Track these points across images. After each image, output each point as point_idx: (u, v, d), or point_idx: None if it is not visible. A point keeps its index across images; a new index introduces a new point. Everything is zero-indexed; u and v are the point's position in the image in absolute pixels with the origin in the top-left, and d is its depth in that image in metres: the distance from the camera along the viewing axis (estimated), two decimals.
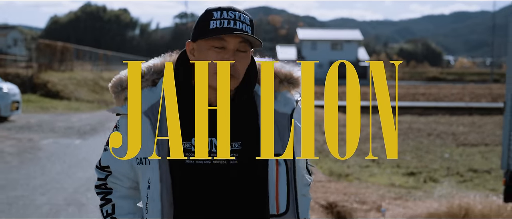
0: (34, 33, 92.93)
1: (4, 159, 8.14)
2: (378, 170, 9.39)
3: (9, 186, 6.34)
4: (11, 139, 10.16)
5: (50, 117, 14.58)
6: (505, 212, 5.46)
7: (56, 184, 6.51)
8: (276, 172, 1.50)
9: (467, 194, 6.15)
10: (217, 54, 1.46)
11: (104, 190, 1.63)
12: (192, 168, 1.48)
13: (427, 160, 10.41)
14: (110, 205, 1.61)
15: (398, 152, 10.68)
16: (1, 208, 5.35)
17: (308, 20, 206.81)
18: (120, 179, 1.61)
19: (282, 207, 1.51)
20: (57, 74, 22.49)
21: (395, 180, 8.20)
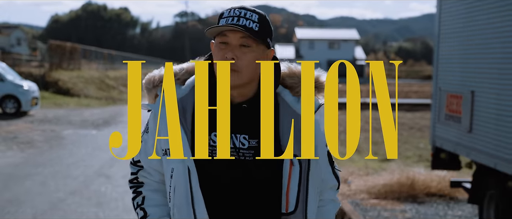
0: (34, 32, 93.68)
1: (36, 145, 9.60)
2: (357, 157, 10.80)
3: (47, 164, 7.79)
4: (35, 130, 11.61)
5: (65, 112, 16.02)
6: (443, 181, 6.89)
7: (84, 162, 7.97)
8: (289, 172, 1.53)
9: (417, 169, 7.58)
10: (220, 50, 1.51)
11: (136, 184, 1.69)
12: (211, 160, 1.53)
13: (403, 149, 11.79)
14: (141, 197, 1.66)
15: (378, 143, 12.02)
16: (47, 179, 6.79)
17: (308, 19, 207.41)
18: (151, 173, 1.65)
19: (291, 206, 1.55)
20: (66, 72, 23.94)
21: (369, 165, 9.62)
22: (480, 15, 4.93)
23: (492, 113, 4.60)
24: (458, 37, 5.40)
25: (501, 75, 4.47)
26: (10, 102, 14.03)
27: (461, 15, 5.35)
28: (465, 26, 5.23)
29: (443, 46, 5.75)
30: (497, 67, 4.57)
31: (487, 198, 4.96)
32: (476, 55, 5.00)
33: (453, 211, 6.10)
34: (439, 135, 5.72)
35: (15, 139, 10.12)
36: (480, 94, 4.83)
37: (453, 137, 5.35)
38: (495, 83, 4.57)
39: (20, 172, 7.16)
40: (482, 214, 5.04)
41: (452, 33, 5.55)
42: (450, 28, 5.60)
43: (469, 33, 5.13)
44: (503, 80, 4.43)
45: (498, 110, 4.50)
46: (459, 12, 5.38)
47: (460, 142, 5.19)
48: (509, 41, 4.39)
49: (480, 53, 4.91)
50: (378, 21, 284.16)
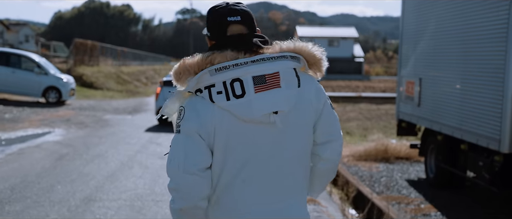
0: (37, 29, 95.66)
1: (89, 125, 11.91)
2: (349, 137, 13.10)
3: (108, 136, 10.10)
4: (80, 115, 13.92)
5: (95, 102, 18.33)
6: (408, 149, 9.18)
7: (136, 134, 10.29)
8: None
9: (389, 139, 9.89)
10: None
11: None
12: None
13: (389, 128, 14.10)
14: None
15: (367, 128, 14.25)
16: (113, 145, 9.09)
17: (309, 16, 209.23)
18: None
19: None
20: (88, 68, 26.27)
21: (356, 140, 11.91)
22: (429, 18, 7.25)
23: (431, 93, 6.91)
24: (412, 37, 7.69)
25: (436, 66, 6.78)
26: (52, 93, 16.34)
27: (414, 17, 7.62)
28: (416, 27, 7.51)
29: (404, 44, 8.04)
30: (433, 60, 6.88)
31: (429, 151, 7.27)
32: (422, 51, 7.30)
33: (413, 168, 8.40)
34: (401, 110, 8.03)
35: (69, 121, 12.44)
36: (425, 80, 7.13)
37: (409, 111, 7.67)
38: (433, 72, 6.88)
39: (90, 141, 9.48)
40: (426, 161, 7.35)
41: (409, 33, 7.83)
42: (408, 28, 7.87)
43: (418, 33, 7.42)
44: (437, 70, 6.74)
45: (433, 91, 6.81)
46: (413, 15, 7.65)
47: (413, 113, 7.51)
48: (438, 38, 6.70)
49: (425, 49, 7.21)
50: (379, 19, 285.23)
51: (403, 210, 5.88)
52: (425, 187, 7.02)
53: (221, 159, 1.70)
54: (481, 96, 5.56)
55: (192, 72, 1.71)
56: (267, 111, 1.66)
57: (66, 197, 5.57)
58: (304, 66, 1.81)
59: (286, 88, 1.70)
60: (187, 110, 1.71)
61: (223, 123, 1.67)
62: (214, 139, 1.68)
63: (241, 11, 1.78)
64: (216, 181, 1.73)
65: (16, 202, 5.30)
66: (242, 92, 1.65)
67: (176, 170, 1.67)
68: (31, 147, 8.72)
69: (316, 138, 1.84)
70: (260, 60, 1.70)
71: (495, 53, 5.25)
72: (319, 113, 1.81)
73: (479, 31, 5.62)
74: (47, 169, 7.00)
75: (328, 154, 1.85)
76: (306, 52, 1.80)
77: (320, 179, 1.92)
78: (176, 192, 1.69)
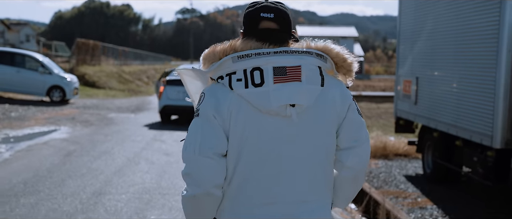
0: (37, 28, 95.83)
1: (93, 123, 12.16)
2: None
3: (113, 134, 10.34)
4: (85, 113, 14.16)
5: (98, 101, 18.57)
6: (407, 147, 9.42)
7: (140, 132, 10.53)
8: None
9: (387, 137, 10.13)
10: None
11: None
12: None
13: (389, 125, 14.33)
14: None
15: (367, 127, 14.45)
16: (119, 143, 9.33)
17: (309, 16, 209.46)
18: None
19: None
20: (90, 67, 26.51)
21: None
22: (425, 18, 7.48)
23: (427, 91, 7.14)
24: (409, 37, 7.92)
25: (433, 65, 7.02)
26: (56, 92, 16.58)
27: (411, 17, 7.86)
28: (413, 27, 7.74)
29: (401, 44, 8.28)
30: (429, 60, 7.12)
31: (426, 147, 7.51)
32: (419, 50, 7.54)
33: (411, 164, 8.63)
34: (399, 108, 8.27)
35: (74, 119, 12.68)
36: (421, 79, 7.37)
37: (407, 109, 7.90)
38: (429, 71, 7.11)
39: (96, 139, 9.72)
40: (424, 158, 7.59)
41: (406, 33, 8.06)
42: (405, 28, 8.10)
43: (415, 33, 7.65)
44: (433, 69, 6.98)
45: (430, 89, 7.05)
46: (410, 15, 7.88)
47: (410, 111, 7.74)
48: (434, 38, 6.93)
49: (421, 49, 7.44)
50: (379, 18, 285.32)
51: (400, 204, 6.12)
52: (422, 182, 7.26)
53: (237, 150, 1.69)
54: (474, 94, 5.80)
55: (217, 58, 1.73)
56: (283, 103, 1.65)
57: (77, 190, 5.81)
58: (332, 70, 1.78)
59: (306, 83, 1.68)
60: (207, 95, 1.72)
61: (240, 111, 1.67)
62: (229, 126, 1.68)
63: (276, 9, 1.78)
64: (231, 173, 1.71)
65: (30, 195, 5.54)
66: (261, 81, 1.65)
67: (192, 154, 1.67)
68: (39, 144, 8.96)
69: (340, 143, 1.79)
70: (283, 52, 1.69)
71: (487, 53, 5.49)
72: (342, 116, 1.77)
73: (472, 31, 5.86)
74: (56, 164, 7.24)
75: (351, 161, 1.79)
76: (334, 52, 1.77)
77: (344, 188, 1.85)
78: (190, 177, 1.68)
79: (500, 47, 5.24)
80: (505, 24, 5.17)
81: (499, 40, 5.25)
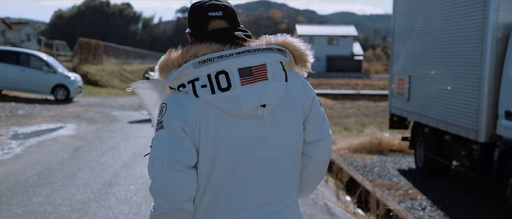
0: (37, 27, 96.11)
1: (98, 120, 12.53)
2: (346, 132, 13.72)
3: (119, 131, 10.72)
4: (89, 111, 14.53)
5: (101, 99, 18.93)
6: (402, 143, 9.79)
7: (145, 129, 10.90)
8: None
9: (383, 133, 10.51)
10: None
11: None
12: None
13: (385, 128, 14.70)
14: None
15: (365, 124, 14.85)
16: (125, 138, 9.70)
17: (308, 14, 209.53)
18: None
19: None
20: (92, 66, 26.89)
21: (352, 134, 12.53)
22: (417, 19, 7.85)
23: (419, 89, 7.51)
24: (403, 36, 8.29)
25: (424, 64, 7.39)
26: (60, 90, 16.95)
27: (404, 18, 8.22)
28: (407, 27, 8.11)
29: (395, 43, 8.65)
30: (421, 59, 7.49)
31: (418, 142, 7.88)
32: (411, 50, 7.90)
33: (405, 159, 9.01)
34: (393, 105, 8.64)
35: (79, 117, 13.05)
36: (413, 77, 7.74)
37: (400, 106, 8.28)
38: (421, 70, 7.49)
39: (102, 135, 10.09)
40: (416, 152, 7.97)
41: (400, 32, 8.42)
42: (399, 28, 8.47)
43: (408, 33, 8.02)
44: (425, 68, 7.35)
45: (421, 87, 7.42)
46: (403, 15, 8.25)
47: (404, 108, 8.12)
48: (425, 38, 7.30)
49: (414, 48, 7.81)
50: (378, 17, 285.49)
51: (392, 195, 6.50)
52: (414, 176, 7.64)
53: (210, 159, 1.61)
54: (461, 91, 6.17)
55: (175, 65, 1.63)
56: (254, 104, 1.60)
57: (88, 182, 6.19)
58: (290, 62, 1.77)
59: (273, 81, 1.64)
60: (169, 105, 1.62)
61: (209, 118, 1.59)
62: (200, 136, 1.60)
63: (223, 6, 1.73)
64: (204, 184, 1.63)
65: (45, 186, 5.92)
66: (228, 85, 1.59)
67: (160, 169, 1.57)
68: (48, 140, 9.33)
69: (307, 137, 1.77)
70: (246, 52, 1.63)
71: (473, 53, 5.87)
72: (307, 109, 1.76)
73: (460, 32, 6.23)
74: (66, 159, 7.61)
75: (318, 154, 1.79)
76: (293, 46, 1.75)
77: (310, 179, 1.85)
78: (160, 193, 1.58)
79: (484, 47, 5.61)
80: (489, 26, 5.54)
81: (483, 41, 5.63)
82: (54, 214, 4.93)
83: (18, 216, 4.84)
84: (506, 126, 5.38)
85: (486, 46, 5.58)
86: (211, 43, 1.65)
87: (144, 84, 1.74)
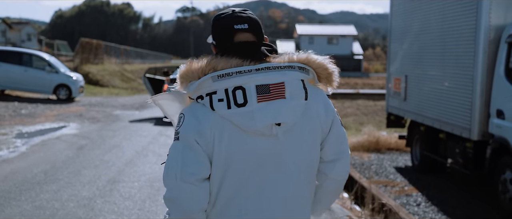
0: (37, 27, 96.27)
1: (100, 120, 12.72)
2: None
3: (120, 130, 10.91)
4: (91, 111, 14.72)
5: (102, 99, 19.12)
6: (399, 141, 9.98)
7: (146, 128, 11.09)
8: None
9: (380, 132, 10.70)
10: None
11: None
12: None
13: (383, 127, 14.89)
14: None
15: (363, 123, 15.04)
16: (127, 137, 9.89)
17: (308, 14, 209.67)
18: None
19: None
20: (93, 66, 27.08)
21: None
22: (413, 19, 8.04)
23: (415, 89, 7.70)
24: (399, 37, 8.47)
25: (420, 65, 7.57)
26: (63, 90, 17.14)
27: (401, 18, 8.41)
28: (403, 27, 8.29)
29: (392, 43, 8.83)
30: (417, 59, 7.67)
31: (414, 140, 8.07)
32: (408, 50, 8.09)
33: (402, 157, 9.19)
34: (390, 104, 8.83)
35: (81, 116, 13.24)
36: (410, 77, 7.93)
37: (397, 105, 8.47)
38: (417, 70, 7.67)
39: (105, 134, 10.28)
40: (412, 150, 8.16)
41: (397, 33, 8.61)
42: (396, 29, 8.65)
43: (405, 33, 8.21)
44: (420, 68, 7.53)
45: (417, 87, 7.60)
46: (400, 15, 8.43)
47: (400, 107, 8.31)
48: (421, 38, 7.49)
49: (410, 49, 8.00)
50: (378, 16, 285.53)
51: (388, 191, 6.69)
52: (410, 173, 7.82)
53: (221, 171, 1.63)
54: (455, 91, 6.36)
55: (196, 77, 1.64)
56: (269, 122, 1.59)
57: (93, 179, 6.38)
58: (313, 79, 1.74)
59: (290, 100, 1.63)
60: (186, 116, 1.65)
61: (224, 132, 1.61)
62: (213, 149, 1.62)
63: (248, 18, 1.71)
64: (215, 195, 1.66)
65: (51, 183, 6.11)
66: (244, 101, 1.59)
67: (173, 180, 1.60)
68: (52, 139, 9.52)
69: (324, 156, 1.76)
70: (265, 69, 1.63)
71: (466, 54, 6.05)
72: (327, 129, 1.73)
73: (454, 33, 6.42)
74: (71, 157, 7.80)
75: (335, 173, 1.77)
76: (316, 63, 1.73)
77: (325, 198, 1.84)
78: (173, 203, 1.63)
79: (477, 48, 5.80)
80: (481, 28, 5.73)
81: (476, 42, 5.81)
82: (62, 209, 5.12)
83: (28, 212, 5.03)
84: (498, 124, 5.57)
85: (479, 47, 5.77)
86: (231, 57, 1.65)
87: (163, 96, 1.77)
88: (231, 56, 1.65)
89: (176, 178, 1.59)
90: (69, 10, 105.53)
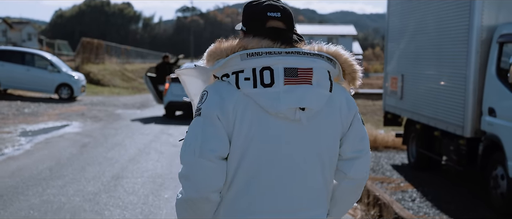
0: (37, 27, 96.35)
1: (102, 118, 12.90)
2: None
3: (123, 128, 11.09)
4: (93, 110, 14.90)
5: (104, 98, 19.30)
6: (396, 140, 10.15)
7: (148, 126, 11.27)
8: None
9: (378, 130, 10.88)
10: None
11: None
12: None
13: (381, 126, 15.06)
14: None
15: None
16: (129, 135, 10.07)
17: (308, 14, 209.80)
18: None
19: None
20: (94, 66, 27.27)
21: None
22: (410, 19, 8.22)
23: (411, 87, 7.89)
24: (396, 36, 8.65)
25: (416, 64, 7.75)
26: (65, 89, 17.34)
27: (397, 18, 8.58)
28: (400, 27, 8.47)
29: (389, 43, 9.02)
30: (413, 58, 7.86)
31: (410, 138, 8.25)
32: (404, 50, 8.27)
33: (399, 155, 9.37)
34: (387, 103, 9.01)
35: (84, 115, 13.42)
36: (406, 76, 8.11)
37: (394, 103, 8.65)
38: (413, 69, 7.86)
39: (107, 133, 10.47)
40: (408, 148, 8.34)
41: (393, 32, 8.79)
42: (393, 29, 8.83)
43: (401, 33, 8.38)
44: (416, 67, 7.72)
45: (413, 86, 7.79)
46: (397, 15, 8.61)
47: (397, 106, 8.49)
48: (417, 38, 7.67)
49: (406, 48, 8.18)
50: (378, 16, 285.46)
51: (384, 188, 6.87)
52: (407, 170, 8.01)
53: (240, 153, 1.60)
54: (449, 90, 6.54)
55: (224, 55, 1.64)
56: (293, 105, 1.58)
57: (97, 175, 6.57)
58: (338, 76, 1.74)
59: (317, 87, 1.61)
60: (210, 93, 1.63)
61: (247, 110, 1.59)
62: (233, 128, 1.59)
63: (282, 8, 1.73)
64: (231, 177, 1.62)
65: (57, 179, 6.30)
66: (271, 81, 1.58)
67: (191, 155, 1.57)
68: (56, 137, 9.71)
69: (343, 153, 1.72)
70: (295, 53, 1.62)
71: (460, 53, 6.24)
72: (347, 125, 1.71)
73: (448, 33, 6.60)
74: (75, 154, 7.99)
75: (354, 172, 1.72)
76: (343, 58, 1.72)
77: (342, 199, 1.78)
78: (188, 180, 1.59)
79: (470, 48, 5.98)
80: (474, 28, 5.91)
81: (468, 42, 6.00)
82: (68, 203, 5.31)
83: (36, 205, 5.22)
84: (489, 122, 5.75)
85: (471, 47, 5.95)
86: (264, 38, 1.65)
87: (189, 71, 1.77)
88: (262, 38, 1.66)
89: (195, 153, 1.57)
90: (69, 10, 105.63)
